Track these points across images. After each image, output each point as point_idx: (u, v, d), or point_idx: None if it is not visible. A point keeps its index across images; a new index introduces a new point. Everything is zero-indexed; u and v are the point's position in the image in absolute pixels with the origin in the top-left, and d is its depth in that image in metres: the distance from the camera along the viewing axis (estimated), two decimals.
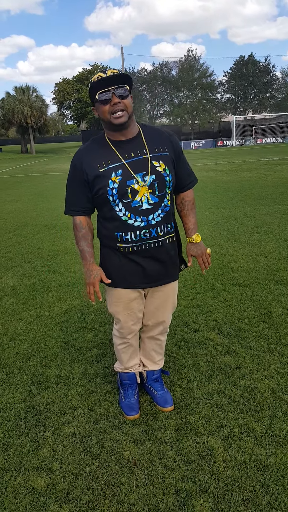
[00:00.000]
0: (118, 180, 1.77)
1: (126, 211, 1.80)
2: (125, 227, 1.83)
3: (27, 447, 1.96)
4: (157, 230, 1.86)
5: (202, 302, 3.46)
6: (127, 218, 1.81)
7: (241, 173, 13.57)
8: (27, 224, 7.30)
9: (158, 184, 1.81)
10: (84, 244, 1.94)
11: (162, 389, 2.26)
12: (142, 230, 1.83)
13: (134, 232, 1.83)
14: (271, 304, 3.35)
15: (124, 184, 1.77)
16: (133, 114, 1.80)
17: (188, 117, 53.65)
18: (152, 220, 1.84)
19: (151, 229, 1.84)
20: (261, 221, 6.31)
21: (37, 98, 48.62)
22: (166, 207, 1.88)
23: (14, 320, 3.35)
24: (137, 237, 1.84)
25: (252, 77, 52.71)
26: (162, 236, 1.89)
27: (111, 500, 1.66)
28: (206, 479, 1.73)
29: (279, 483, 1.69)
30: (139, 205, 1.80)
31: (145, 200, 1.80)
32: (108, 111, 1.72)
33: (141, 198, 1.79)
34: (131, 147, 1.81)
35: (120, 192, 1.77)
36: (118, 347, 2.19)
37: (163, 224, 1.88)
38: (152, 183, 1.80)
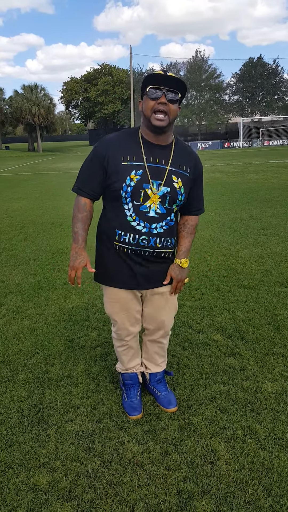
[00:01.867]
0: (136, 180, 1.77)
1: (133, 213, 1.81)
2: (127, 227, 1.83)
3: (30, 444, 1.97)
4: (156, 240, 1.85)
5: (207, 303, 3.45)
6: (132, 219, 1.82)
7: (248, 175, 13.53)
8: (33, 222, 7.32)
9: (169, 198, 1.82)
10: (80, 226, 1.91)
11: (166, 390, 2.25)
12: (142, 235, 1.83)
13: (134, 234, 1.83)
14: (276, 307, 3.33)
15: (140, 185, 1.77)
16: (173, 123, 1.78)
17: (195, 118, 53.56)
18: (154, 230, 1.84)
19: (151, 237, 1.84)
20: (267, 223, 6.29)
21: (45, 96, 48.76)
22: (171, 221, 1.88)
23: (19, 317, 3.36)
24: (135, 240, 1.84)
25: (260, 79, 52.51)
26: (159, 249, 1.88)
27: (113, 499, 1.66)
28: (208, 480, 1.72)
29: (281, 486, 1.68)
30: (146, 210, 1.81)
31: (153, 207, 1.81)
32: (152, 108, 1.69)
33: (150, 205, 1.80)
34: (157, 152, 1.80)
35: (134, 192, 1.78)
36: (118, 349, 2.20)
37: (164, 238, 1.88)
38: (164, 194, 1.81)
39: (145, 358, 2.30)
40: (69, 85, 61.83)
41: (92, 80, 60.29)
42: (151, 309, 2.07)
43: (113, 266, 1.94)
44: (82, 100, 62.25)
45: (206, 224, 6.49)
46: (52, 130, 53.17)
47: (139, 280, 1.94)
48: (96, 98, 58.14)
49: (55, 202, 9.60)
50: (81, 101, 62.69)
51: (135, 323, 2.10)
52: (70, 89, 61.51)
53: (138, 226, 1.82)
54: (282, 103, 55.10)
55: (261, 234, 5.68)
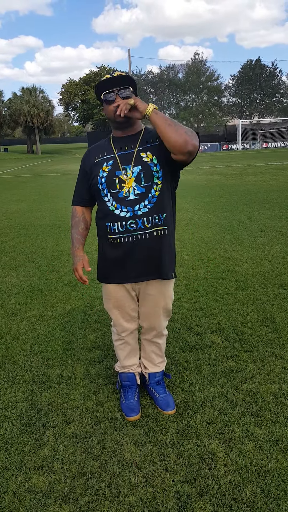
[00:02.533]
0: (107, 170, 1.88)
1: (113, 201, 1.88)
2: (113, 217, 1.89)
3: (28, 446, 1.96)
4: (143, 221, 1.87)
5: (205, 305, 3.46)
6: (114, 208, 1.88)
7: (246, 177, 13.56)
8: (32, 224, 7.32)
9: (144, 175, 1.85)
10: (74, 231, 2.08)
11: (164, 392, 2.25)
12: (128, 220, 1.87)
13: (120, 222, 1.88)
14: (275, 309, 3.34)
15: (112, 174, 1.87)
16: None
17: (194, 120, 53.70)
18: (138, 211, 1.87)
19: (137, 219, 1.87)
20: (265, 225, 6.30)
21: (44, 99, 48.88)
22: (154, 197, 1.88)
23: (17, 319, 3.36)
24: (124, 227, 1.88)
25: (258, 81, 52.73)
26: (149, 228, 1.89)
27: (111, 501, 1.66)
28: (207, 482, 1.72)
29: (280, 488, 1.69)
30: (126, 195, 1.86)
31: (132, 191, 1.86)
32: (112, 111, 1.80)
33: (128, 189, 1.86)
34: (126, 141, 1.89)
35: (108, 181, 1.87)
36: (115, 344, 2.25)
37: (151, 216, 1.88)
38: (138, 174, 1.85)
39: (144, 357, 2.32)
40: (67, 88, 61.92)
41: (91, 82, 60.37)
42: (144, 308, 2.11)
43: (108, 263, 2.01)
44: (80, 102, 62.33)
45: (204, 226, 6.51)
46: (51, 132, 53.30)
47: (129, 271, 1.97)
48: (94, 100, 58.21)
49: (53, 204, 9.61)
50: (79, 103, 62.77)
51: (130, 320, 2.14)
52: (68, 91, 61.60)
53: (122, 212, 1.87)
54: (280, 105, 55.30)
55: (260, 236, 5.70)
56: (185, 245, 5.39)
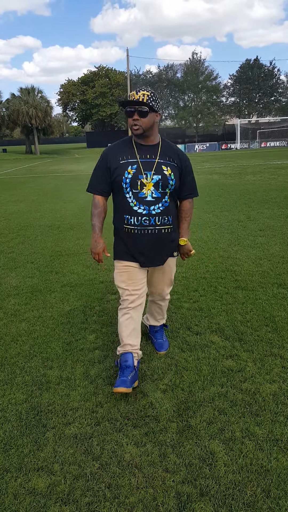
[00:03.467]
0: (132, 173, 2.24)
1: (133, 199, 2.27)
2: (131, 211, 2.28)
3: (28, 447, 1.96)
4: (155, 219, 2.29)
5: (205, 305, 3.46)
6: (133, 205, 2.27)
7: (245, 176, 13.56)
8: (31, 224, 7.32)
9: (162, 183, 2.26)
10: (96, 220, 2.41)
11: (161, 338, 2.80)
12: (143, 217, 2.28)
13: (137, 217, 2.28)
14: (274, 308, 3.34)
15: (136, 177, 2.24)
16: (151, 129, 2.24)
17: (192, 120, 53.66)
18: (153, 211, 2.28)
19: (151, 218, 2.28)
20: (264, 225, 6.30)
21: (42, 99, 48.79)
22: (166, 202, 2.31)
23: (17, 320, 3.36)
24: (139, 221, 2.28)
25: (257, 80, 52.69)
26: (159, 226, 2.32)
27: (111, 502, 1.66)
28: (207, 482, 1.72)
29: (280, 488, 1.68)
30: (144, 196, 2.26)
31: (149, 193, 2.26)
32: (130, 124, 2.21)
33: (146, 191, 2.25)
34: (147, 151, 2.28)
35: (132, 182, 2.25)
36: (120, 320, 2.43)
37: (162, 216, 2.31)
38: (157, 181, 2.26)
39: (148, 313, 2.87)
40: (66, 88, 61.87)
41: (89, 83, 60.35)
42: (153, 279, 2.56)
43: (125, 245, 2.39)
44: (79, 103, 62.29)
45: (203, 225, 6.50)
46: (50, 132, 53.22)
47: (145, 258, 2.38)
48: (93, 100, 58.21)
49: (52, 205, 9.60)
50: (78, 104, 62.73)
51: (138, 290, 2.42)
52: (67, 92, 61.56)
53: (139, 209, 2.27)
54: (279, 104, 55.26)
55: (259, 235, 5.70)
56: None
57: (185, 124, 53.82)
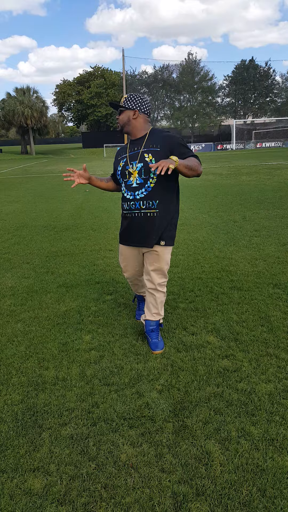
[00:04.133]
0: (122, 165, 2.67)
1: (124, 187, 2.68)
2: (124, 198, 2.70)
3: (24, 448, 1.96)
4: (140, 203, 2.61)
5: (201, 305, 3.47)
6: (124, 191, 2.68)
7: (241, 177, 13.61)
8: (26, 225, 7.30)
9: (144, 170, 2.55)
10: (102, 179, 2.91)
11: (156, 337, 2.84)
12: (131, 201, 2.64)
13: (127, 202, 2.67)
14: (269, 308, 3.35)
15: (124, 168, 2.66)
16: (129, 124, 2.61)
17: (188, 120, 53.76)
18: (137, 195, 2.60)
19: (136, 202, 2.62)
20: (260, 225, 6.33)
21: (38, 99, 48.70)
22: (149, 187, 2.57)
23: (12, 321, 3.35)
24: (128, 206, 2.66)
25: (252, 81, 52.89)
26: (144, 209, 2.61)
27: (107, 502, 1.66)
28: (203, 482, 1.73)
29: (275, 487, 1.69)
30: (131, 183, 2.62)
31: (135, 181, 2.60)
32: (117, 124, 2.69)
33: (133, 179, 2.61)
34: (135, 144, 2.64)
35: (122, 173, 2.67)
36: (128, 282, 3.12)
37: (146, 200, 2.59)
38: (140, 169, 2.56)
39: (145, 306, 2.90)
40: (61, 88, 61.78)
41: (85, 83, 60.32)
42: (146, 263, 2.78)
43: (122, 229, 2.81)
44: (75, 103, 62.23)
45: (199, 226, 6.52)
46: (45, 132, 53.12)
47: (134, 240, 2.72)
48: (89, 101, 58.17)
49: (48, 205, 9.58)
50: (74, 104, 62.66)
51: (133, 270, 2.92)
52: (62, 92, 61.47)
53: (127, 195, 2.65)
54: (274, 105, 55.52)
55: (254, 236, 5.72)
56: (180, 245, 5.40)
57: (181, 124, 53.91)
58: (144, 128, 2.61)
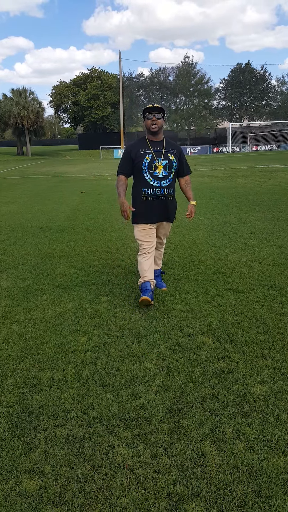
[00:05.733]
0: (149, 159, 3.43)
1: (150, 176, 3.45)
2: (148, 185, 3.47)
3: (19, 449, 1.95)
4: (164, 191, 3.49)
5: (196, 307, 3.47)
6: (150, 180, 3.45)
7: (237, 179, 13.66)
8: (22, 226, 7.28)
9: (168, 166, 3.48)
10: (121, 189, 3.52)
11: (160, 280, 4.02)
12: (156, 188, 3.47)
13: (152, 189, 3.47)
14: (265, 310, 3.37)
15: (151, 162, 3.43)
16: (162, 129, 3.52)
17: (184, 123, 53.90)
18: (163, 184, 3.47)
19: (161, 189, 3.48)
20: (255, 227, 6.36)
21: (34, 100, 48.63)
22: (171, 179, 3.52)
23: (8, 322, 3.34)
24: (154, 192, 3.47)
25: (248, 84, 53.14)
26: (167, 195, 3.53)
27: (103, 503, 1.66)
28: (198, 483, 1.73)
29: (270, 487, 1.70)
30: (157, 174, 3.45)
31: (161, 172, 3.45)
32: (149, 124, 3.43)
33: (159, 171, 3.44)
34: (157, 145, 3.49)
35: (149, 165, 3.43)
36: (141, 261, 3.59)
37: (168, 188, 3.51)
38: (165, 164, 3.46)
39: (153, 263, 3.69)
40: (58, 89, 61.75)
41: (82, 85, 60.33)
42: (159, 230, 3.76)
43: (144, 210, 3.54)
44: (71, 104, 62.22)
45: (195, 228, 6.54)
46: (41, 134, 53.02)
47: (155, 216, 3.58)
48: (85, 103, 58.18)
49: (44, 206, 9.56)
50: (70, 105, 62.65)
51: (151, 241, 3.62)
52: (59, 93, 61.44)
53: (154, 183, 3.46)
54: (270, 108, 55.81)
55: (250, 238, 5.74)
56: (176, 247, 5.41)
57: (177, 127, 54.04)
58: (162, 135, 3.56)
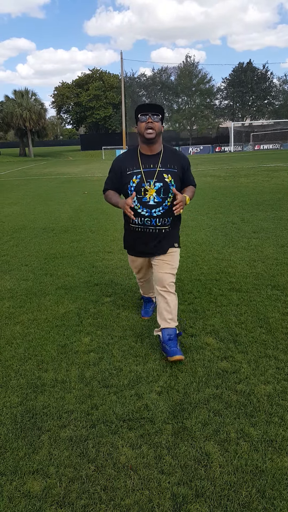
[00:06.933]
0: (136, 182, 2.60)
1: (137, 203, 2.62)
2: (136, 213, 2.64)
3: (23, 450, 1.95)
4: (156, 221, 2.66)
5: (200, 307, 3.47)
6: (138, 207, 2.63)
7: (239, 179, 13.64)
8: (25, 227, 7.29)
9: (163, 190, 2.59)
10: (113, 198, 2.72)
11: (175, 346, 2.61)
12: (145, 218, 2.66)
13: (140, 218, 2.67)
14: (268, 310, 3.36)
15: (139, 185, 2.60)
16: (160, 136, 2.56)
17: (186, 123, 53.88)
18: (154, 213, 2.63)
19: (152, 219, 2.66)
20: (258, 227, 6.34)
21: (36, 101, 48.75)
22: (166, 206, 2.63)
23: (11, 323, 3.34)
24: (142, 222, 2.68)
25: (250, 84, 53.05)
26: (159, 226, 2.69)
27: (107, 504, 1.66)
28: (202, 483, 1.73)
29: (275, 488, 1.69)
30: (147, 200, 2.60)
31: (152, 198, 2.59)
32: (144, 127, 2.49)
33: (149, 196, 2.59)
34: (150, 160, 2.60)
35: (136, 189, 2.60)
36: (138, 283, 3.30)
37: (162, 218, 2.66)
38: (159, 188, 2.58)
39: (158, 315, 2.76)
40: (60, 90, 61.90)
41: (83, 85, 60.45)
42: (154, 268, 2.81)
43: (132, 241, 2.89)
44: (73, 105, 62.35)
45: (198, 228, 6.53)
46: (44, 135, 53.16)
47: (145, 251, 2.82)
48: (87, 103, 58.29)
49: (46, 207, 9.58)
50: (72, 106, 62.78)
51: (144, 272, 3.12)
52: (61, 94, 61.59)
53: (142, 211, 2.63)
54: (272, 107, 55.69)
55: (253, 237, 5.73)
56: None
57: (179, 127, 54.03)
58: (161, 145, 2.64)
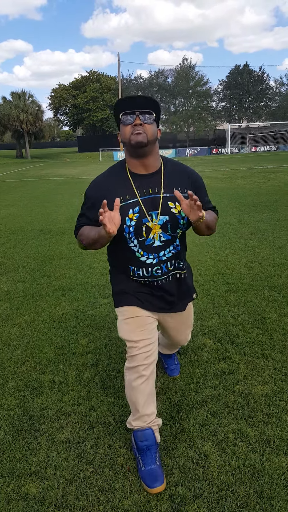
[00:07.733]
0: (135, 218, 1.74)
1: (139, 249, 1.80)
2: (138, 263, 1.83)
3: (21, 452, 1.95)
4: (167, 265, 1.85)
5: (197, 308, 3.47)
6: (141, 255, 1.81)
7: (236, 180, 13.68)
8: (22, 229, 7.28)
9: (171, 225, 1.78)
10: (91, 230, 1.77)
11: (173, 363, 2.53)
12: (154, 267, 1.83)
13: (146, 268, 1.83)
14: (265, 310, 3.37)
15: (140, 222, 1.75)
16: (155, 144, 1.74)
17: (183, 125, 53.99)
18: (163, 256, 1.83)
19: (162, 264, 1.84)
20: (255, 228, 6.36)
21: (33, 103, 48.73)
22: (178, 246, 1.87)
23: (8, 325, 3.34)
24: (149, 273, 1.84)
25: (247, 86, 53.28)
26: (172, 271, 1.88)
27: (105, 506, 1.66)
28: (200, 484, 1.73)
29: (272, 488, 1.70)
30: (151, 242, 1.79)
31: (157, 238, 1.79)
32: (129, 132, 1.65)
33: (153, 235, 1.78)
34: (148, 183, 1.76)
35: (136, 230, 1.76)
36: (133, 385, 1.83)
37: (174, 260, 1.87)
38: (165, 223, 1.77)
39: (161, 343, 2.45)
40: (57, 92, 61.94)
41: (81, 87, 60.51)
42: (172, 325, 2.08)
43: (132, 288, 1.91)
44: (70, 107, 62.40)
45: None
46: (41, 136, 53.09)
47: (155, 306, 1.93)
48: (84, 105, 58.34)
49: (44, 209, 9.57)
50: (69, 108, 62.83)
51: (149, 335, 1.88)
52: (58, 96, 61.63)
53: (148, 260, 1.82)
54: (268, 109, 55.94)
55: (250, 239, 5.74)
56: None
57: (176, 129, 54.14)
58: (158, 158, 1.81)
